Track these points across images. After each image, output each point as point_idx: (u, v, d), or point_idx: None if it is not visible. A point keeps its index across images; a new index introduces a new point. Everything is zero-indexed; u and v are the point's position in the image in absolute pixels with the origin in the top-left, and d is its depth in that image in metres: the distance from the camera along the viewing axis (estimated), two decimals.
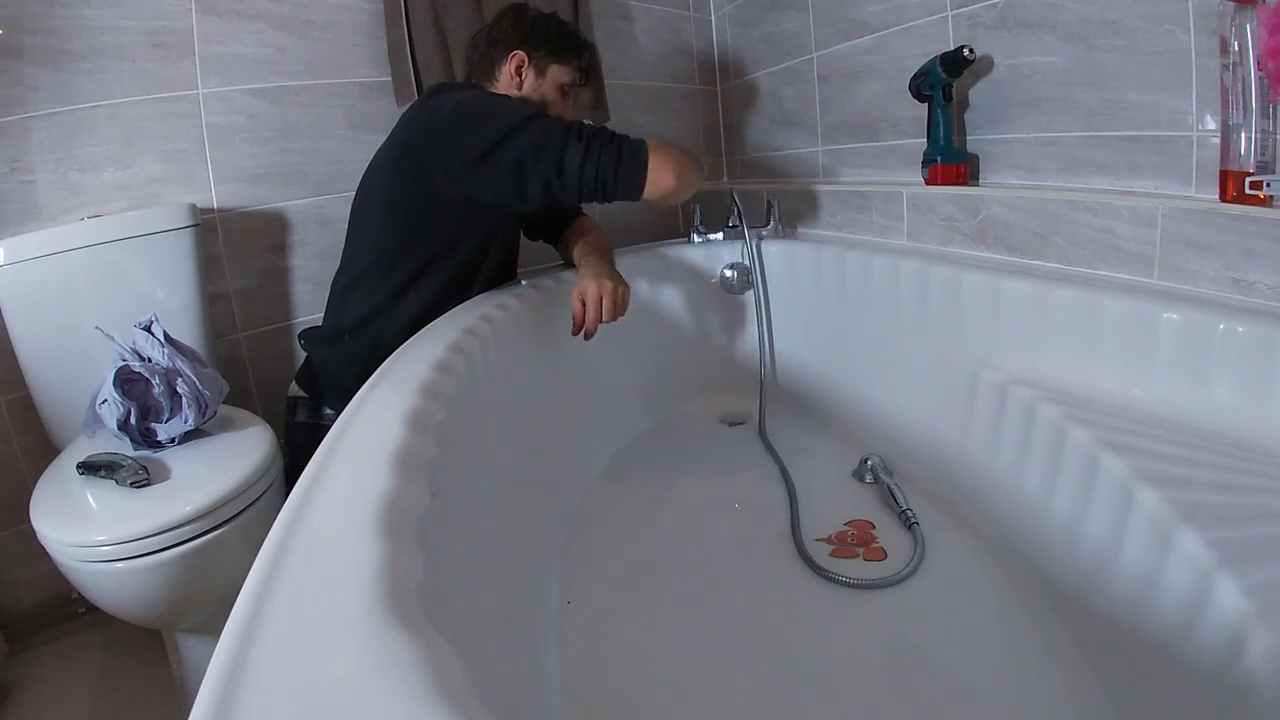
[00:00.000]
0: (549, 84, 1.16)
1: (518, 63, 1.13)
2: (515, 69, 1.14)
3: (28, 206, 1.16)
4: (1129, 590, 0.65)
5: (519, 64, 1.14)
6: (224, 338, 1.35)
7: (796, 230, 1.56)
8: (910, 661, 0.76)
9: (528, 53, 1.13)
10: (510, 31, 1.14)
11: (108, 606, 0.88)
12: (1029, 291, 0.94)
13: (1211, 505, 0.60)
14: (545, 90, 1.16)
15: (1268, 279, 0.76)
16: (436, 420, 0.63)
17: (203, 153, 1.30)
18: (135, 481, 0.86)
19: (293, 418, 1.16)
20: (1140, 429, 0.75)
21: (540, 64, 1.14)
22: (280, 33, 1.34)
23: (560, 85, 1.17)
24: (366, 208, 1.11)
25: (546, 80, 1.15)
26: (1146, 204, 0.88)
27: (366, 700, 0.30)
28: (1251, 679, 0.48)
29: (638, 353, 1.41)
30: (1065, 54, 1.03)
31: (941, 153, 1.21)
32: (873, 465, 1.10)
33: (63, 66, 1.17)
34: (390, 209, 1.06)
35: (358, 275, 1.10)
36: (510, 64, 1.13)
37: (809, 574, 0.90)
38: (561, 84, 1.17)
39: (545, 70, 1.15)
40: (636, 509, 1.10)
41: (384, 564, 0.39)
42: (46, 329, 1.09)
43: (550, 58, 1.14)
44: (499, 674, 0.59)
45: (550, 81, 1.16)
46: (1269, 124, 0.77)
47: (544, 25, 1.15)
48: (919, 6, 1.26)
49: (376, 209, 1.08)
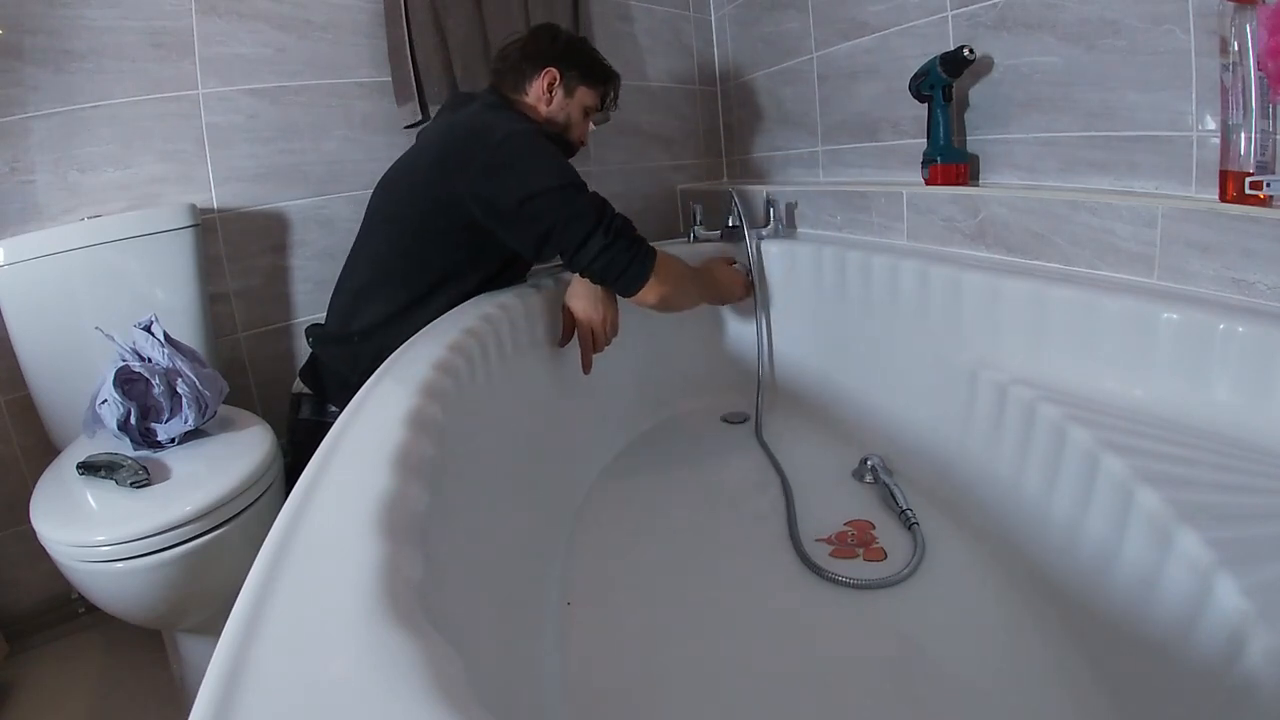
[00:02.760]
0: (575, 105, 1.20)
1: (550, 80, 1.17)
2: (547, 85, 1.17)
3: (28, 206, 1.16)
4: (1129, 590, 0.65)
5: (551, 81, 1.17)
6: (224, 338, 1.35)
7: (796, 230, 1.56)
8: (910, 662, 0.76)
9: (561, 71, 1.17)
10: (546, 48, 1.18)
11: (108, 606, 0.88)
12: (1029, 291, 0.94)
13: (1211, 505, 0.60)
14: (571, 111, 1.20)
15: (1268, 279, 0.76)
16: (436, 420, 0.63)
17: (203, 153, 1.30)
18: (135, 481, 0.86)
19: (296, 414, 1.16)
20: (1140, 429, 0.75)
21: (570, 85, 1.18)
22: (280, 33, 1.34)
23: (585, 108, 1.21)
24: (389, 214, 1.11)
25: (574, 101, 1.19)
26: (1146, 204, 0.88)
27: (366, 700, 0.30)
28: (1251, 679, 0.48)
29: (638, 352, 1.41)
30: (1065, 54, 1.03)
31: (941, 153, 1.21)
32: (873, 465, 1.10)
33: (63, 66, 1.17)
34: (415, 220, 1.06)
35: (374, 281, 1.09)
36: (543, 80, 1.17)
37: (809, 574, 0.90)
38: (586, 107, 1.21)
39: (574, 91, 1.19)
40: (637, 508, 1.10)
41: (384, 564, 0.39)
42: (46, 329, 1.09)
43: (580, 80, 1.19)
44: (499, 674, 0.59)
45: (577, 103, 1.20)
46: (1269, 124, 0.77)
47: (579, 48, 1.21)
48: (919, 6, 1.26)
49: (401, 217, 1.08)
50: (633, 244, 1.05)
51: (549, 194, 0.99)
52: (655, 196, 1.94)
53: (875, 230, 1.35)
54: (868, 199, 1.36)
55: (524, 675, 0.69)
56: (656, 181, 1.95)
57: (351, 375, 1.05)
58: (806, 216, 1.54)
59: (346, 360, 1.09)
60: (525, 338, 1.07)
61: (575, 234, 1.00)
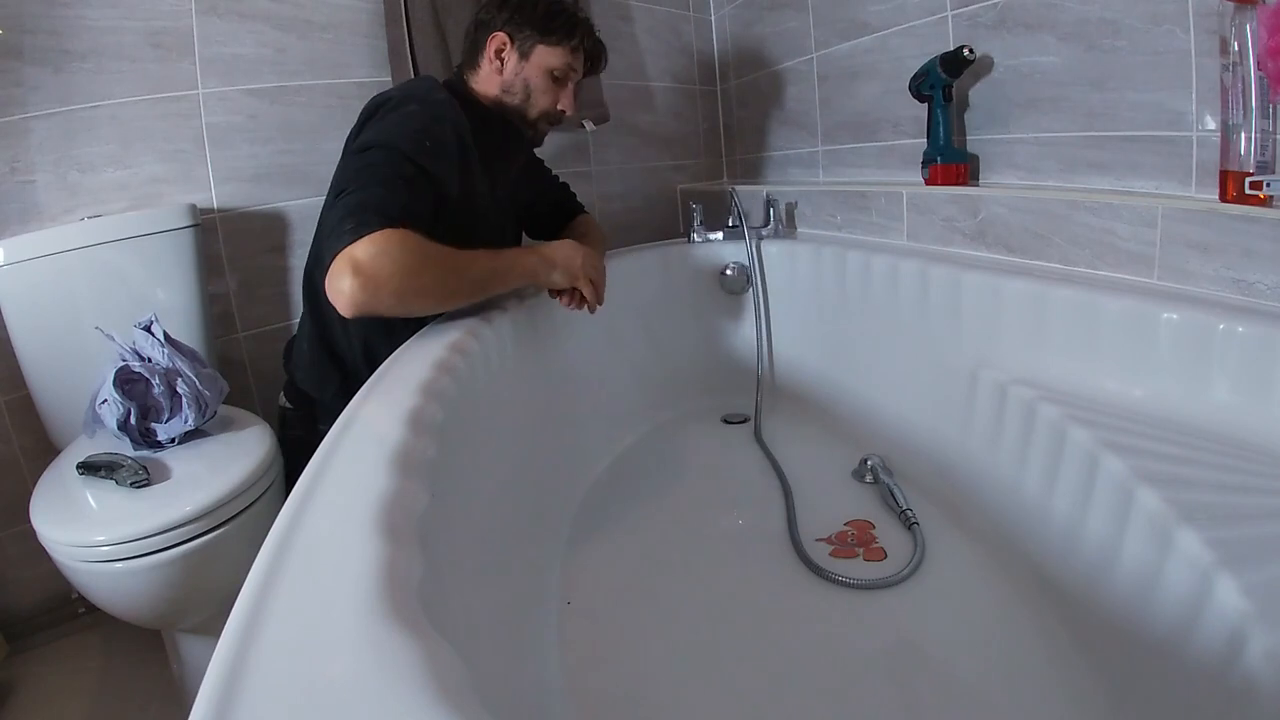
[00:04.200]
0: (534, 69, 1.03)
1: (498, 45, 1.03)
2: (495, 52, 1.03)
3: (28, 206, 1.16)
4: (1129, 590, 0.65)
5: (499, 46, 1.03)
6: (224, 338, 1.35)
7: (796, 230, 1.56)
8: (910, 661, 0.75)
9: (510, 34, 1.02)
10: (495, 11, 1.03)
11: (108, 606, 0.88)
12: (1029, 291, 0.94)
13: (1211, 505, 0.60)
14: (530, 76, 1.04)
15: (1268, 279, 0.76)
16: (436, 420, 0.63)
17: (202, 153, 1.30)
18: (135, 481, 0.86)
19: (285, 431, 1.10)
20: (1140, 429, 0.75)
21: (525, 45, 1.03)
22: (280, 33, 1.34)
23: (549, 71, 1.04)
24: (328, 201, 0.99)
25: (530, 64, 1.03)
26: (1146, 204, 0.88)
27: (366, 700, 0.29)
28: (1251, 679, 0.48)
29: (639, 352, 1.41)
30: (1065, 54, 1.03)
31: (941, 153, 1.21)
32: (873, 465, 1.10)
33: (63, 66, 1.17)
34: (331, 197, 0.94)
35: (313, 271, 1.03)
36: (490, 47, 1.03)
37: (809, 574, 0.90)
38: (551, 69, 1.04)
39: (530, 52, 1.03)
40: (637, 508, 1.10)
41: (384, 564, 0.39)
42: (46, 329, 1.09)
43: (536, 37, 1.02)
44: (499, 674, 0.59)
45: (536, 66, 1.03)
46: (1269, 124, 0.77)
47: (531, 3, 1.03)
48: (919, 6, 1.26)
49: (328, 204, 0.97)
50: (366, 223, 0.77)
51: (380, 149, 0.86)
52: (655, 196, 1.94)
53: (875, 230, 1.35)
54: (868, 199, 1.36)
55: (524, 675, 0.69)
56: (656, 181, 1.95)
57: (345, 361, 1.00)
58: (806, 216, 1.54)
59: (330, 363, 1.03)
60: (526, 337, 1.07)
61: (353, 189, 0.81)
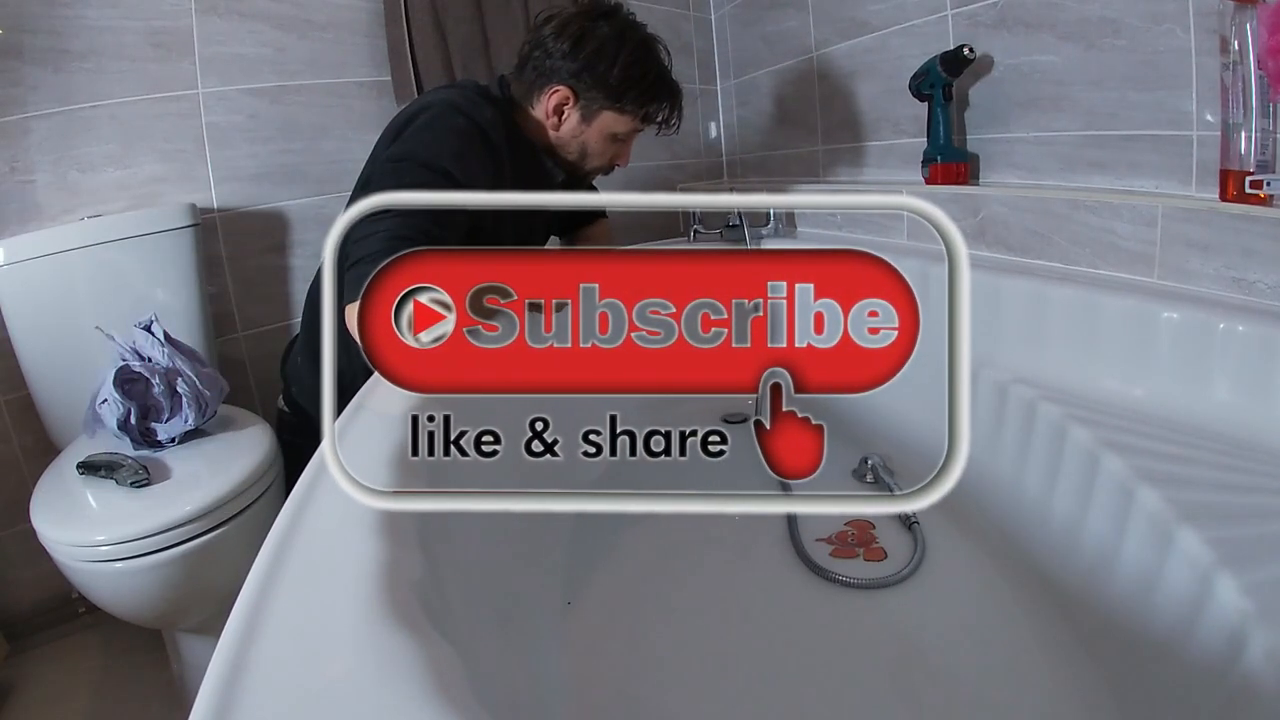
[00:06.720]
0: (595, 133, 0.93)
1: (558, 100, 0.90)
2: (554, 107, 0.91)
3: (28, 206, 1.16)
4: (1129, 590, 0.65)
5: (559, 102, 0.91)
6: (224, 338, 1.35)
7: (796, 230, 1.56)
8: (910, 661, 0.75)
9: (575, 91, 0.90)
10: (561, 58, 0.89)
11: (108, 606, 0.88)
12: (1029, 291, 0.94)
13: (1211, 505, 0.60)
14: (589, 140, 0.94)
15: (1268, 278, 0.76)
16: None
17: (202, 152, 1.30)
18: (135, 481, 0.86)
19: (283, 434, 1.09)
20: (1140, 428, 0.75)
21: (589, 109, 0.91)
22: (280, 33, 1.34)
23: (613, 135, 0.94)
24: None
25: (592, 129, 0.93)
26: (1146, 203, 0.88)
27: (366, 700, 0.29)
28: (1251, 679, 0.48)
29: None
30: (1065, 53, 1.03)
31: (941, 152, 1.21)
32: (873, 465, 1.10)
33: (63, 66, 1.17)
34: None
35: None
36: (548, 99, 0.90)
37: (809, 574, 0.90)
38: (615, 134, 0.94)
39: (594, 117, 0.92)
40: None
41: (384, 564, 0.39)
42: (46, 329, 1.09)
43: (605, 103, 0.90)
44: (499, 674, 0.59)
45: (598, 131, 0.93)
46: (1269, 123, 0.77)
47: (608, 58, 0.88)
48: (919, 6, 1.26)
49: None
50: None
51: (408, 161, 0.83)
52: None
53: (875, 230, 1.35)
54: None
55: (524, 675, 0.69)
56: (656, 181, 1.95)
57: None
58: (806, 216, 1.54)
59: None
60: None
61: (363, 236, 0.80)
